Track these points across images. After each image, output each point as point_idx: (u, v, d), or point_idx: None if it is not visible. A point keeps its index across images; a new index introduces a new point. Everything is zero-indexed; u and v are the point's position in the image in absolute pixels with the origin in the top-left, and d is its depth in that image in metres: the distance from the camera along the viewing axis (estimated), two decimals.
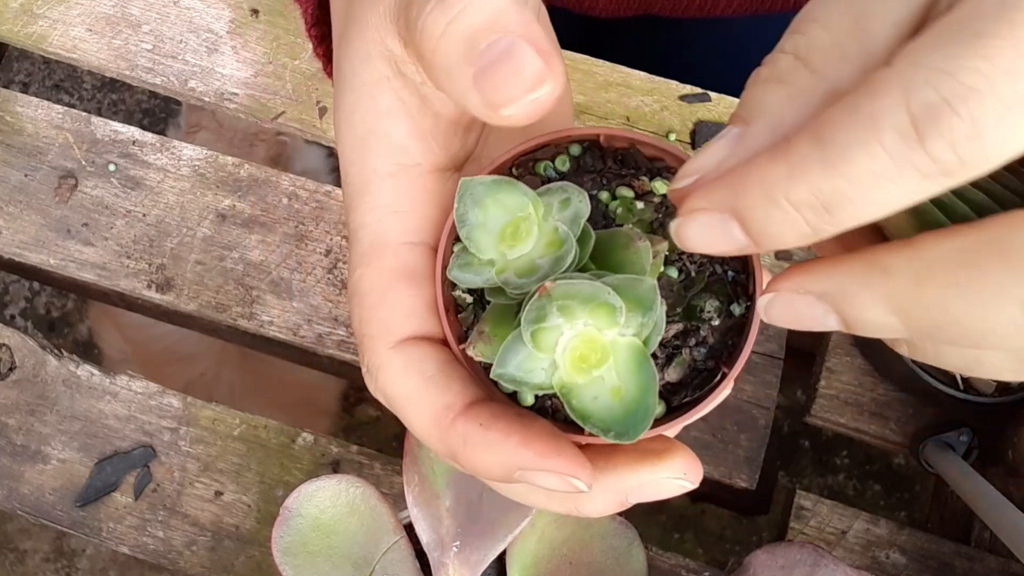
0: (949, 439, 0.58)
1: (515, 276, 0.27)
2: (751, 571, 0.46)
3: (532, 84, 0.25)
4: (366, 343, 0.29)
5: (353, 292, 0.30)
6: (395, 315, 0.29)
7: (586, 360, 0.25)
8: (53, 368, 0.61)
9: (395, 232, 0.29)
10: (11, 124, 0.66)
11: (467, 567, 0.43)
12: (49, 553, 1.37)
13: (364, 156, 0.30)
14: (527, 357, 0.26)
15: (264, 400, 1.20)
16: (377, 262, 0.29)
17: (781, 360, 0.62)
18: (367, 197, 0.30)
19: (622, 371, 0.26)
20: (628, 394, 0.26)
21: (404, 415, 0.29)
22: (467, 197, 0.27)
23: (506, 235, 0.27)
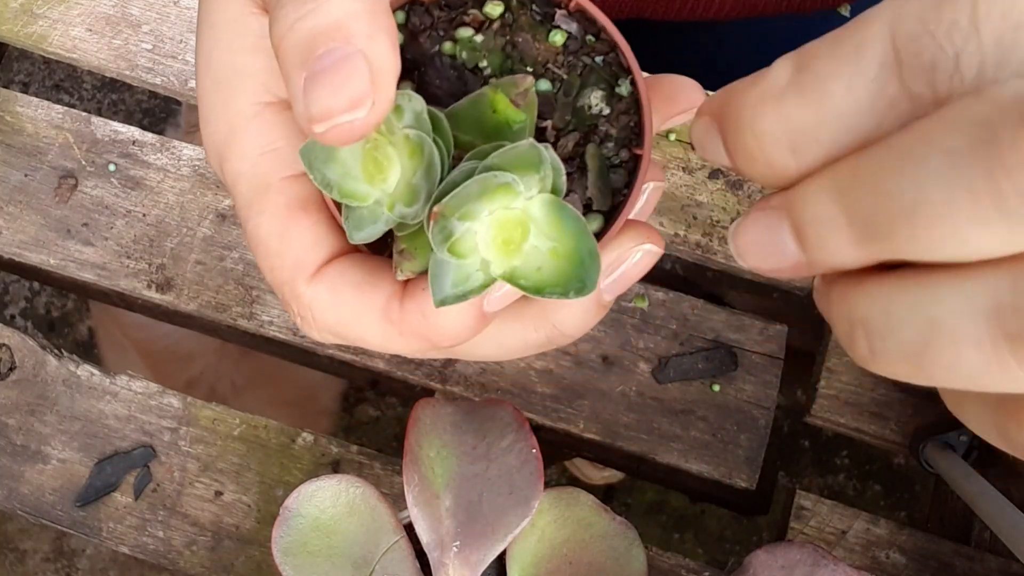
0: (949, 439, 0.58)
1: (405, 207, 0.26)
2: (751, 571, 0.46)
3: (350, 104, 0.23)
4: (285, 291, 0.28)
5: (253, 244, 0.28)
6: (302, 250, 0.28)
7: (511, 242, 0.25)
8: (53, 368, 0.61)
9: (273, 171, 0.28)
10: (11, 124, 0.66)
11: (467, 567, 0.43)
12: (49, 553, 1.37)
13: (226, 98, 0.28)
14: (458, 270, 0.25)
15: (264, 400, 1.20)
16: (265, 206, 0.28)
17: (781, 360, 0.62)
18: (235, 144, 0.28)
19: (548, 231, 0.25)
20: (565, 248, 0.25)
21: (358, 336, 0.28)
22: (316, 161, 0.26)
23: (370, 171, 0.26)
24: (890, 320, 0.21)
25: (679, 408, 0.61)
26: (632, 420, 0.61)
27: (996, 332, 0.18)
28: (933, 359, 0.19)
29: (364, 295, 0.27)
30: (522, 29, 0.28)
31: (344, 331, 0.28)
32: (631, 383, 0.61)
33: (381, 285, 0.27)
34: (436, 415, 0.46)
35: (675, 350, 0.62)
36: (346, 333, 0.28)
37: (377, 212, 0.26)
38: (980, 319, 0.18)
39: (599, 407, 0.61)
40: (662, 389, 0.61)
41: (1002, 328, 0.18)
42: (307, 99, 0.24)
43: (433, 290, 0.25)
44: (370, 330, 0.27)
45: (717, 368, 0.61)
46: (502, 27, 0.29)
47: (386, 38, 0.24)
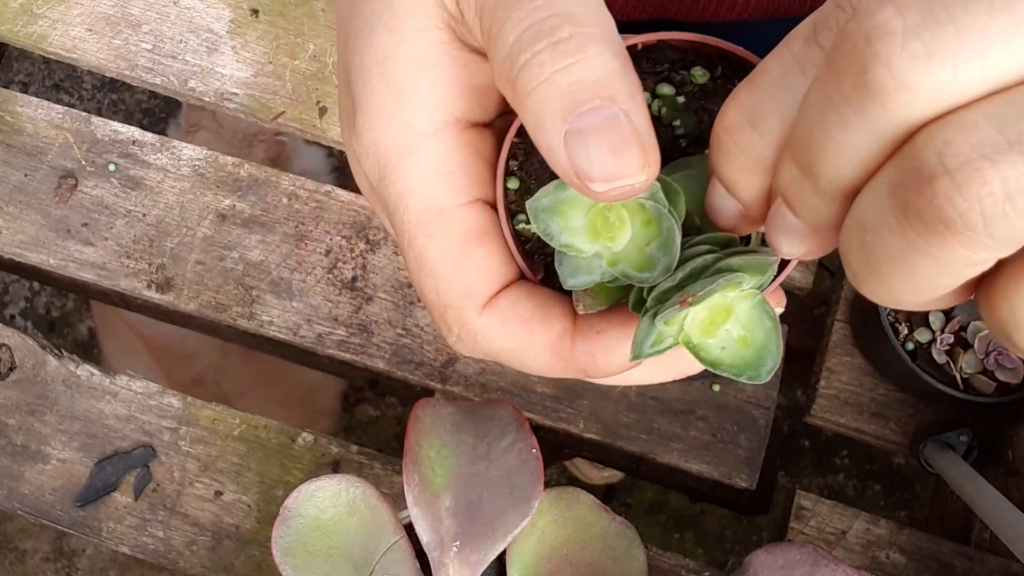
0: (949, 439, 0.58)
1: (635, 271, 0.27)
2: (751, 571, 0.46)
3: (629, 170, 0.24)
4: (450, 314, 0.29)
5: (420, 264, 0.28)
6: (476, 279, 0.28)
7: (713, 324, 0.27)
8: (53, 368, 0.61)
9: (448, 196, 0.28)
10: (11, 124, 0.66)
11: (467, 567, 0.43)
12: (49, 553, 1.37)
13: (403, 109, 0.28)
14: (659, 334, 0.27)
15: (264, 400, 1.20)
16: (439, 229, 0.28)
17: (781, 360, 0.62)
18: (408, 158, 0.28)
19: (746, 324, 0.27)
20: (755, 341, 0.27)
21: (521, 362, 0.29)
22: (540, 213, 0.27)
23: (596, 229, 0.27)
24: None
25: (679, 408, 0.61)
26: (632, 420, 0.61)
27: None
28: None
29: (535, 330, 0.28)
30: (718, 97, 0.29)
31: (508, 358, 0.29)
32: None
33: (551, 321, 0.28)
34: (436, 415, 0.46)
35: None
36: (509, 360, 0.29)
37: (594, 264, 0.28)
38: None
39: (599, 407, 0.61)
40: (662, 389, 0.61)
41: None
42: (572, 154, 0.24)
43: (634, 348, 0.27)
44: (536, 362, 0.29)
45: None
46: (702, 92, 0.29)
47: (642, 99, 0.25)
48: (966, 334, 0.57)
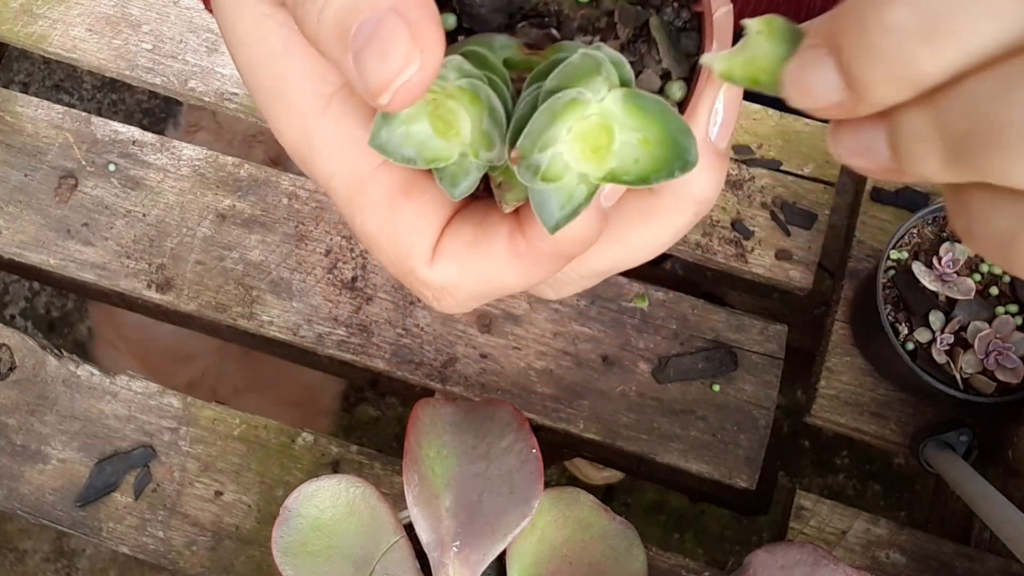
0: (949, 439, 0.58)
1: (487, 152, 0.26)
2: (751, 571, 0.46)
3: (399, 66, 0.23)
4: (411, 278, 0.28)
5: (363, 241, 0.28)
6: (414, 237, 0.28)
7: (599, 148, 0.25)
8: (53, 368, 0.61)
9: (360, 163, 0.28)
10: (11, 124, 0.66)
11: (467, 567, 0.43)
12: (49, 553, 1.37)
13: (287, 105, 0.28)
14: (558, 193, 0.25)
15: (264, 400, 1.20)
16: (365, 202, 0.28)
17: (781, 360, 0.62)
18: (314, 146, 0.28)
19: (632, 124, 0.25)
20: (654, 134, 0.25)
21: (496, 287, 0.28)
22: (389, 146, 0.26)
23: (441, 130, 0.26)
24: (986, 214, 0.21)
25: (679, 408, 0.61)
26: (632, 420, 0.61)
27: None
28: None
29: (485, 248, 0.27)
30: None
31: (484, 289, 0.28)
32: (631, 383, 0.61)
33: (495, 230, 0.27)
34: (436, 415, 0.46)
35: (675, 350, 0.62)
36: (487, 290, 0.28)
37: (466, 165, 0.26)
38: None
39: (599, 407, 0.61)
40: (662, 389, 0.61)
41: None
42: (362, 77, 0.23)
43: (543, 220, 0.25)
44: (507, 275, 0.27)
45: (717, 368, 0.61)
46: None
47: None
48: (966, 334, 0.57)
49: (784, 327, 0.63)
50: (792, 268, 0.63)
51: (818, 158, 0.65)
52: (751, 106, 0.65)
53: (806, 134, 0.65)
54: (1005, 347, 0.56)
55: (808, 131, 0.65)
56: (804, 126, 0.65)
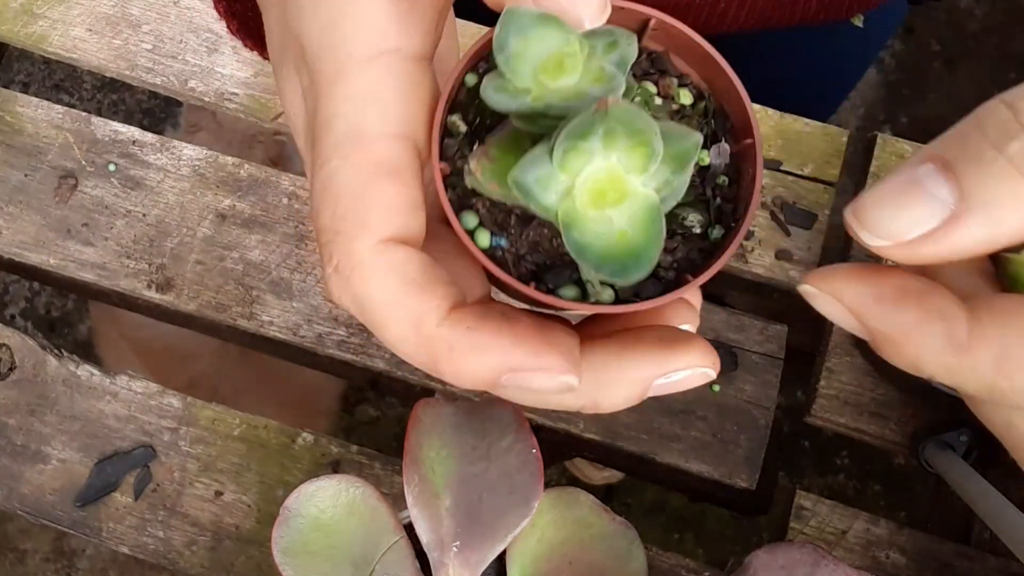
0: (949, 439, 0.58)
1: (559, 101, 0.26)
2: (751, 571, 0.46)
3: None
4: (339, 241, 0.27)
5: (324, 186, 0.27)
6: (377, 212, 0.27)
7: (603, 197, 0.25)
8: (53, 368, 0.61)
9: (375, 122, 0.27)
10: (11, 124, 0.66)
11: (467, 567, 0.43)
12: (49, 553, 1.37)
13: (336, 41, 0.27)
14: (548, 174, 0.25)
15: (264, 400, 1.20)
16: (356, 154, 0.27)
17: (781, 360, 0.62)
18: (341, 84, 0.27)
19: (633, 219, 0.25)
20: (633, 240, 0.25)
21: (380, 320, 0.27)
22: (511, 24, 0.25)
23: (548, 67, 0.26)
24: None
25: (679, 408, 0.61)
26: (632, 420, 0.61)
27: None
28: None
29: (411, 293, 0.26)
30: (692, 119, 0.30)
31: (371, 311, 0.27)
32: None
33: (431, 294, 0.27)
34: (436, 415, 0.46)
35: None
36: (372, 313, 0.27)
37: (520, 94, 0.26)
38: None
39: None
40: None
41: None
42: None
43: (519, 166, 0.25)
44: (396, 327, 0.27)
45: None
46: (679, 112, 0.29)
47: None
48: None
49: (784, 327, 0.63)
50: (792, 268, 0.63)
51: (818, 158, 0.65)
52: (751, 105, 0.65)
53: (806, 134, 0.65)
54: None
55: (808, 131, 0.65)
56: (804, 126, 0.65)
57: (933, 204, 0.21)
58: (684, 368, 0.27)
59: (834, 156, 0.65)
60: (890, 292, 0.23)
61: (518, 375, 0.26)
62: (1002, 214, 0.21)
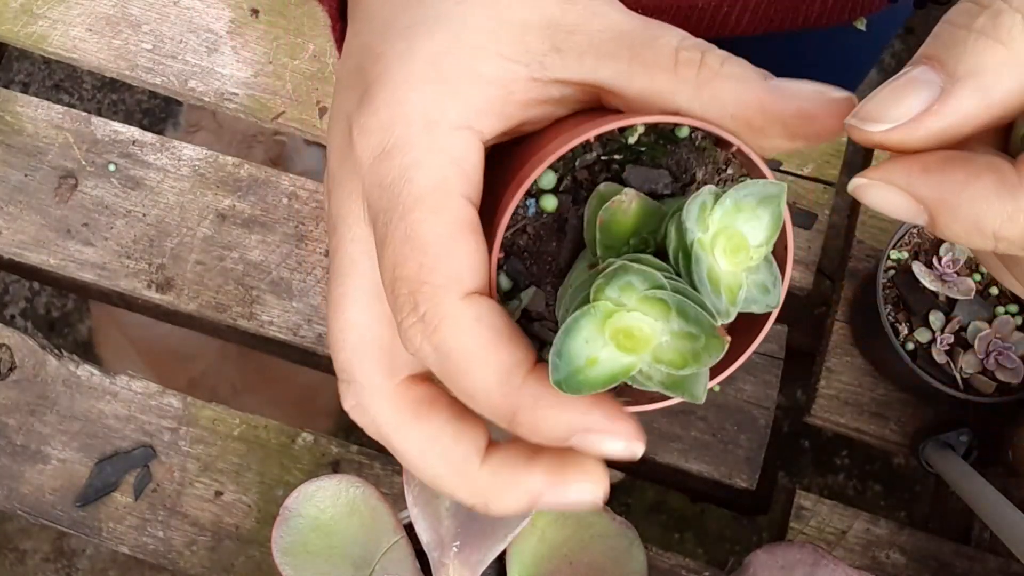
0: (949, 439, 0.58)
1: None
2: (751, 571, 0.46)
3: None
4: (426, 291, 0.27)
5: (408, 236, 0.27)
6: (465, 266, 0.27)
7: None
8: (53, 368, 0.61)
9: (458, 185, 0.28)
10: (11, 124, 0.66)
11: (467, 567, 0.43)
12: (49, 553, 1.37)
13: (441, 95, 0.28)
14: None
15: (264, 400, 1.20)
16: (443, 210, 0.27)
17: (781, 360, 0.62)
18: (429, 136, 0.28)
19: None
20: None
21: (464, 369, 0.27)
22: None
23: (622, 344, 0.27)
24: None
25: (679, 408, 0.61)
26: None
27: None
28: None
29: (500, 344, 0.27)
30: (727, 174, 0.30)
31: (456, 359, 0.27)
32: None
33: (518, 347, 0.27)
34: None
35: None
36: (457, 362, 0.27)
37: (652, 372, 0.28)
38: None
39: None
40: None
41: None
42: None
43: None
44: (481, 376, 0.27)
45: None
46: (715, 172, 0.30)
47: None
48: (966, 334, 0.57)
49: (784, 327, 0.63)
50: (792, 268, 0.63)
51: (818, 158, 0.65)
52: None
53: None
54: (1005, 347, 0.56)
55: None
56: None
57: (927, 87, 0.23)
58: (576, 482, 0.29)
59: (834, 156, 0.65)
60: (935, 161, 0.23)
61: (591, 435, 0.27)
62: (987, 80, 0.22)
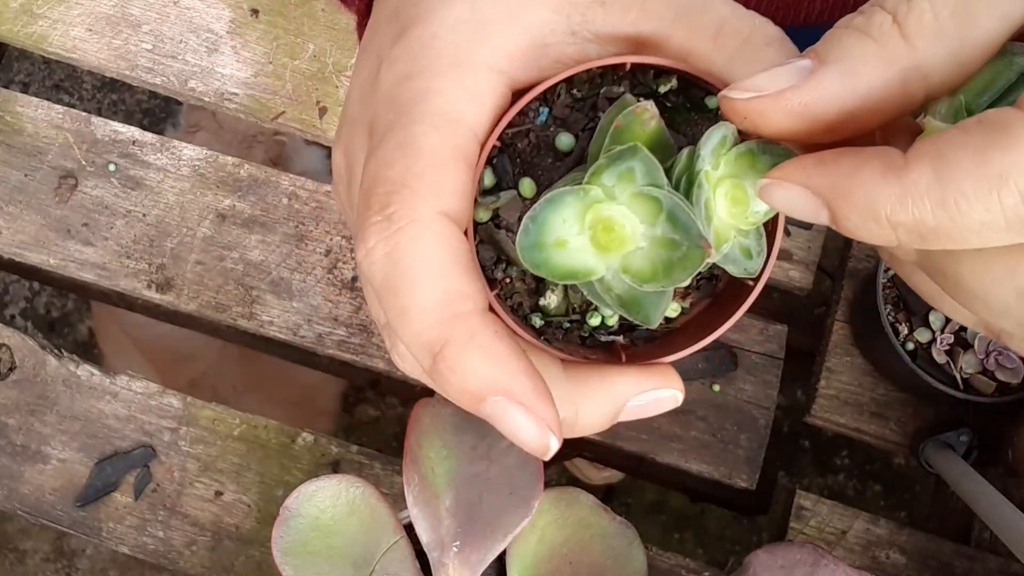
0: (949, 439, 0.58)
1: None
2: (751, 571, 0.46)
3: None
4: (405, 194, 0.27)
5: (406, 141, 0.27)
6: (450, 188, 0.27)
7: (737, 203, 0.26)
8: (53, 368, 0.61)
9: (471, 119, 0.28)
10: (11, 124, 0.66)
11: (467, 567, 0.43)
12: (49, 553, 1.37)
13: (476, 37, 0.28)
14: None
15: (264, 400, 1.20)
16: (448, 131, 0.27)
17: (781, 360, 0.62)
18: (459, 72, 0.28)
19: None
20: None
21: (411, 280, 0.26)
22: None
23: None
24: None
25: (679, 408, 0.61)
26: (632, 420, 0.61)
27: None
28: None
29: (457, 270, 0.26)
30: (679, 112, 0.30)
31: (406, 271, 0.26)
32: None
33: (475, 281, 0.27)
34: (436, 415, 0.46)
35: None
36: (405, 274, 0.26)
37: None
38: None
39: None
40: None
41: None
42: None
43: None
44: (425, 294, 0.26)
45: (717, 368, 0.61)
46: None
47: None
48: (966, 334, 0.57)
49: (784, 327, 0.63)
50: (792, 268, 0.63)
51: None
52: None
53: None
54: (1005, 347, 0.56)
55: None
56: None
57: (798, 69, 0.24)
58: (657, 388, 0.29)
59: None
60: (829, 154, 0.24)
61: (508, 404, 0.26)
62: (852, 65, 0.24)
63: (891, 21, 0.23)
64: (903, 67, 0.23)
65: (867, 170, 0.23)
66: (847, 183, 0.23)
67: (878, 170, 0.23)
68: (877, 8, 0.24)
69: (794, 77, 0.24)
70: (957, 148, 0.22)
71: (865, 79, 0.23)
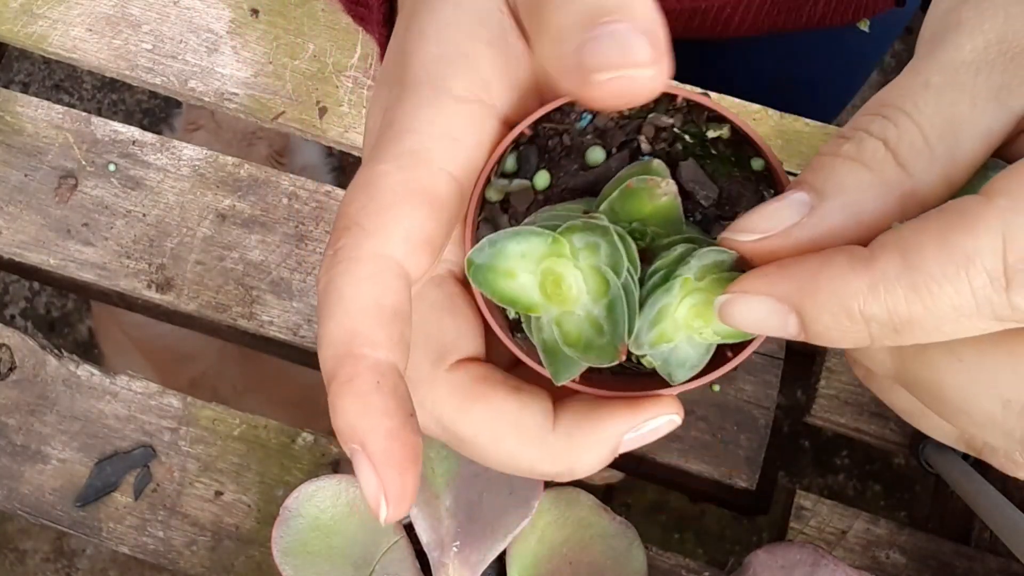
0: None
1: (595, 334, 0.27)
2: (751, 571, 0.47)
3: (635, 62, 0.24)
4: (353, 231, 0.27)
5: (369, 181, 0.27)
6: (403, 227, 0.27)
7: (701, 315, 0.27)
8: (53, 368, 0.61)
9: (443, 157, 0.28)
10: (11, 124, 0.66)
11: (467, 567, 0.43)
12: (49, 553, 1.37)
13: (445, 72, 0.28)
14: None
15: (264, 400, 1.20)
16: (412, 171, 0.27)
17: (781, 360, 0.62)
18: (432, 109, 0.28)
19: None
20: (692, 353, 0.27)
21: (327, 316, 0.28)
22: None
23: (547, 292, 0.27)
24: None
25: None
26: None
27: None
28: None
29: (376, 310, 0.27)
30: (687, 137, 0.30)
31: (325, 297, 0.28)
32: None
33: (391, 329, 0.28)
34: None
35: None
36: (321, 300, 0.28)
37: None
38: None
39: None
40: None
41: None
42: (582, 54, 0.24)
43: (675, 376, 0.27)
44: (333, 325, 0.28)
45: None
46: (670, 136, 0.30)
47: (661, 24, 0.25)
48: None
49: None
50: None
51: None
52: (751, 106, 0.65)
53: (806, 134, 0.65)
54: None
55: (808, 131, 0.65)
56: (804, 126, 0.65)
57: (797, 205, 0.25)
58: (653, 417, 0.29)
59: None
60: (790, 260, 0.24)
61: (358, 454, 0.27)
62: (852, 197, 0.24)
63: (884, 148, 0.24)
64: (901, 193, 0.23)
65: (834, 266, 0.23)
66: (814, 282, 0.23)
67: (845, 264, 0.23)
68: (864, 135, 0.24)
69: (796, 214, 0.24)
70: (921, 234, 0.22)
71: (867, 211, 0.24)
